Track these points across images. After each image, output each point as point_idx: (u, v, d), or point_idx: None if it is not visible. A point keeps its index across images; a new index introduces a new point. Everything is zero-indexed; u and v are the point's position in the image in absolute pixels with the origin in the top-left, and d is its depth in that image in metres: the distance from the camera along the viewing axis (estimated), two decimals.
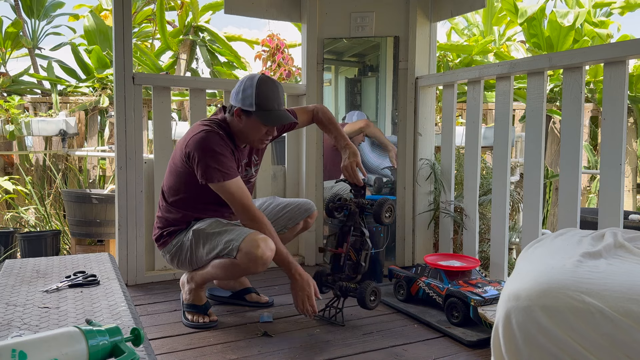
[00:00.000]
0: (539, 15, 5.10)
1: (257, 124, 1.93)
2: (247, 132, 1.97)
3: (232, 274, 1.98)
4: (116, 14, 2.42)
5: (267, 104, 1.91)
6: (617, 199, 1.90)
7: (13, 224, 4.12)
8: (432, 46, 2.93)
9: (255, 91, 1.89)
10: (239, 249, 1.85)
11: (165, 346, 1.82)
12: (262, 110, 1.90)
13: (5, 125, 4.17)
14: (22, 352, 0.83)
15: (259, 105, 1.89)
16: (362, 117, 3.02)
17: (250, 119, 1.93)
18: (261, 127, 1.95)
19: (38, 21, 5.92)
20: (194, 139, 1.92)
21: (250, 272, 1.93)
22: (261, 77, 1.92)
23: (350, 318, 2.10)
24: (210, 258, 1.95)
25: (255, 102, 1.89)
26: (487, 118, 4.76)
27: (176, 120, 4.76)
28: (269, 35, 5.17)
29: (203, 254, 1.97)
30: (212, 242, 1.94)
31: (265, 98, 1.90)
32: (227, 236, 1.91)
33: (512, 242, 2.94)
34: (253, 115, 1.91)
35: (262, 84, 1.91)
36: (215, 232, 1.95)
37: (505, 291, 1.29)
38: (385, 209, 2.04)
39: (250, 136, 1.98)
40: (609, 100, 1.90)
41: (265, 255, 1.84)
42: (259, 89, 1.89)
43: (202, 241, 1.97)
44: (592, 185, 4.80)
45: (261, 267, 1.87)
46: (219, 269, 1.95)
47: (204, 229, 1.98)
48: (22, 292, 1.41)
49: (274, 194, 2.98)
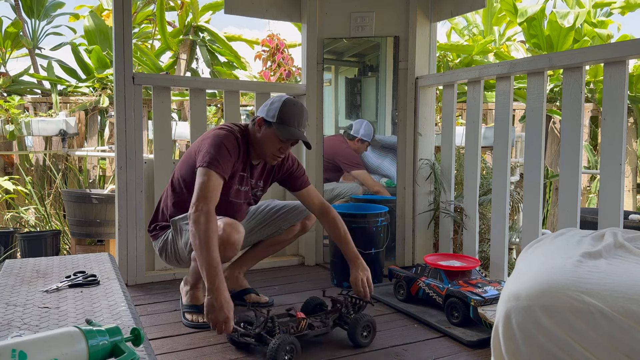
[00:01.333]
0: (539, 15, 5.10)
1: (273, 136, 1.98)
2: (262, 143, 2.01)
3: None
4: (116, 14, 2.42)
5: (288, 120, 1.97)
6: (617, 199, 1.90)
7: (13, 224, 4.12)
8: (432, 46, 2.93)
9: (281, 106, 1.98)
10: None
11: (165, 346, 1.82)
12: (282, 124, 1.96)
13: (5, 125, 4.17)
14: (22, 352, 0.83)
15: (280, 119, 1.97)
16: (368, 129, 3.01)
17: (269, 130, 1.99)
18: (276, 141, 1.99)
19: (38, 21, 5.91)
20: (214, 133, 1.99)
21: (222, 257, 1.84)
22: (290, 97, 2.03)
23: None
24: (189, 251, 1.98)
25: (278, 115, 1.97)
26: (487, 118, 4.76)
27: (176, 120, 4.77)
28: (269, 35, 5.17)
29: (182, 246, 2.01)
30: (186, 233, 1.97)
31: (287, 114, 1.98)
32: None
33: (512, 242, 2.94)
34: (273, 126, 1.97)
35: (289, 102, 2.00)
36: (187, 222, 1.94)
37: (505, 291, 1.29)
38: (360, 327, 1.80)
39: (265, 147, 2.02)
40: (609, 100, 1.90)
41: (231, 238, 1.83)
42: (284, 105, 1.98)
43: (179, 232, 2.01)
44: (592, 185, 4.80)
45: (230, 251, 1.86)
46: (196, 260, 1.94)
47: (179, 219, 2.01)
48: (22, 292, 1.41)
49: (273, 196, 2.98)
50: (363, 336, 1.81)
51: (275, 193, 3.02)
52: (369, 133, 3.02)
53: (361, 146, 3.03)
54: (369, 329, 1.83)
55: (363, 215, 2.51)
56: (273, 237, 2.27)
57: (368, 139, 3.02)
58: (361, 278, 1.98)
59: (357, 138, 3.02)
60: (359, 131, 3.03)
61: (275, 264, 2.93)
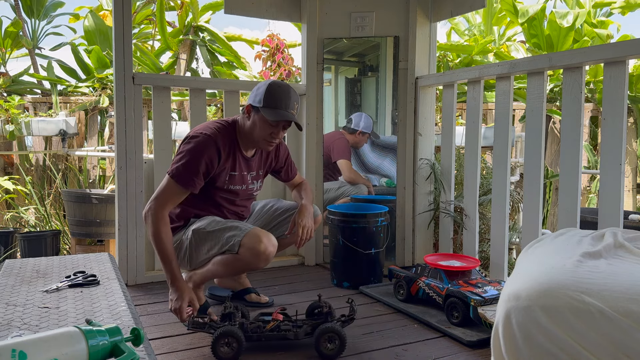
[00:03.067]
0: (540, 15, 5.10)
1: (263, 121, 1.96)
2: (254, 130, 2.00)
3: (233, 270, 1.99)
4: (116, 14, 2.42)
5: (275, 103, 1.95)
6: (617, 199, 1.89)
7: (13, 224, 4.12)
8: (432, 46, 2.93)
9: (266, 89, 1.95)
10: (241, 244, 1.87)
11: (165, 346, 1.82)
12: (268, 107, 1.94)
13: (5, 125, 4.17)
14: (22, 352, 0.83)
15: (267, 102, 1.94)
16: (368, 121, 3.03)
17: (258, 115, 1.97)
18: (266, 126, 1.97)
19: (38, 21, 5.91)
20: (198, 137, 1.96)
21: (252, 268, 1.94)
22: (275, 80, 2.01)
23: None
24: (211, 256, 1.97)
25: (264, 98, 1.94)
26: (487, 118, 4.76)
27: (176, 120, 4.77)
28: (269, 35, 5.17)
29: (203, 253, 1.99)
30: (212, 240, 1.96)
31: (273, 97, 1.95)
32: (228, 232, 1.93)
33: (512, 242, 2.94)
34: (260, 111, 1.95)
35: (274, 84, 1.98)
36: (216, 229, 1.97)
37: (505, 291, 1.29)
38: (322, 340, 1.70)
39: (256, 134, 2.00)
40: (609, 100, 1.90)
41: (267, 250, 1.87)
42: (269, 87, 1.96)
43: (203, 240, 1.98)
44: (592, 185, 4.80)
45: (263, 263, 1.90)
46: (220, 266, 1.96)
47: (203, 228, 1.99)
48: (22, 292, 1.41)
49: (273, 194, 2.98)
50: (328, 349, 1.70)
51: (276, 194, 3.03)
52: (369, 125, 3.04)
53: (362, 138, 3.05)
54: (335, 340, 1.71)
55: (363, 215, 2.52)
56: (277, 239, 2.26)
57: (368, 131, 3.04)
58: (305, 224, 2.07)
59: (358, 131, 3.04)
60: (359, 124, 3.04)
61: (275, 264, 2.93)
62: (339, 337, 1.71)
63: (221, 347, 1.66)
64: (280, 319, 1.80)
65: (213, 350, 1.67)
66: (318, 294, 1.93)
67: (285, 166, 2.26)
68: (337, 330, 1.71)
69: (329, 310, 1.83)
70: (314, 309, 1.91)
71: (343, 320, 1.82)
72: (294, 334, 1.75)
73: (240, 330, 1.69)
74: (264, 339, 1.74)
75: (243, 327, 1.73)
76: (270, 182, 3.02)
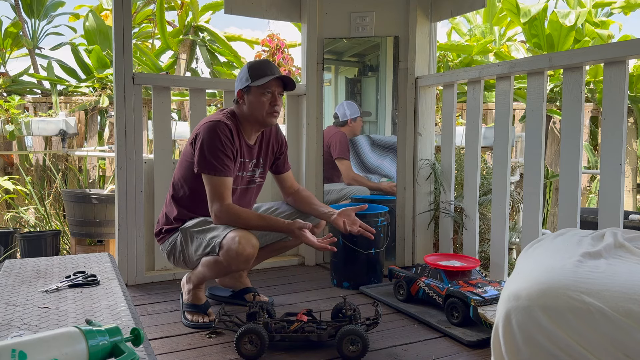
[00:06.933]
0: (541, 15, 5.10)
1: (257, 95, 2.00)
2: (253, 109, 2.02)
3: (217, 272, 1.98)
4: (116, 14, 2.42)
5: (260, 72, 2.00)
6: (617, 199, 1.89)
7: (13, 224, 4.12)
8: (432, 46, 2.93)
9: (247, 68, 2.02)
10: (221, 245, 1.87)
11: (165, 346, 1.82)
12: (257, 78, 1.99)
13: (5, 125, 4.17)
14: (22, 352, 0.83)
15: (253, 76, 1.99)
16: (351, 105, 3.00)
17: (250, 93, 2.01)
18: (262, 97, 2.00)
19: (38, 21, 5.91)
20: (205, 126, 1.98)
21: (233, 269, 1.93)
22: (251, 60, 2.05)
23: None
24: (199, 256, 1.98)
25: (248, 75, 2.00)
26: (487, 118, 4.76)
27: (176, 120, 4.77)
28: (269, 35, 5.16)
29: (192, 253, 2.00)
30: (197, 240, 1.97)
31: (256, 69, 2.01)
32: (210, 233, 1.93)
33: (512, 242, 2.94)
34: (251, 87, 1.99)
35: (252, 62, 2.06)
36: (200, 229, 1.97)
37: (505, 291, 1.29)
38: (345, 342, 1.70)
39: (257, 111, 2.02)
40: (609, 100, 1.90)
41: (246, 251, 1.83)
42: (249, 64, 2.03)
43: (190, 239, 2.00)
44: (592, 185, 4.80)
45: (243, 264, 1.87)
46: (206, 267, 1.97)
47: (190, 227, 2.01)
48: (22, 292, 1.41)
49: (273, 195, 2.98)
50: (350, 351, 1.70)
51: (276, 194, 3.02)
52: (354, 109, 3.01)
53: (356, 124, 3.02)
54: (359, 343, 1.71)
55: (363, 215, 2.51)
56: (280, 242, 2.26)
57: (358, 114, 3.01)
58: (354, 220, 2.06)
59: (348, 120, 3.01)
60: (345, 114, 3.01)
61: (275, 264, 2.93)
62: (361, 340, 1.70)
63: (244, 344, 1.69)
64: (305, 320, 1.81)
65: (237, 347, 1.70)
66: (343, 296, 1.93)
67: (283, 155, 2.26)
68: (360, 334, 1.70)
69: (353, 313, 1.84)
70: (339, 310, 1.91)
71: (368, 324, 1.83)
72: (317, 335, 1.76)
73: (264, 329, 1.72)
74: (287, 340, 1.76)
75: (267, 326, 1.75)
76: (271, 183, 3.02)
